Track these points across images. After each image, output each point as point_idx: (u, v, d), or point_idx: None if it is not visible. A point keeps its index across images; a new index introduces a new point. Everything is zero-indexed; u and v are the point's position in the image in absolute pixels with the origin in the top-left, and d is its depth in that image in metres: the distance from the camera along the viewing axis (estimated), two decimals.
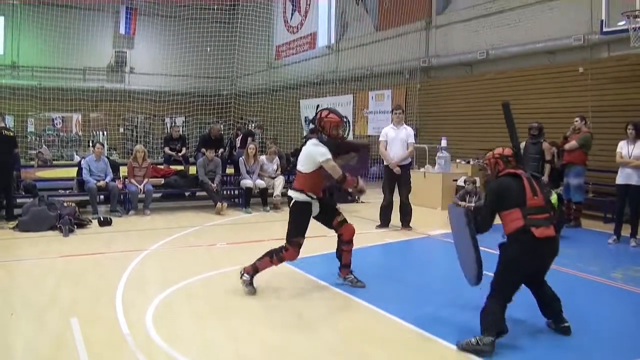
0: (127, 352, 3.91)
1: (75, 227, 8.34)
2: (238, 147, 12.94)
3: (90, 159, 10.01)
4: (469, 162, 13.44)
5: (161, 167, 11.78)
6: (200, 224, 9.17)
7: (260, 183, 10.69)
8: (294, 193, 5.22)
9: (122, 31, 24.07)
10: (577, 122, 9.37)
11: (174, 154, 12.36)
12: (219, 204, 10.25)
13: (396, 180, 8.65)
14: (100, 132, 22.76)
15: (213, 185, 10.51)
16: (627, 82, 10.45)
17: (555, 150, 9.83)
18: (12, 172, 9.33)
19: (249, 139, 12.71)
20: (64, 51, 19.98)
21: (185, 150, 12.67)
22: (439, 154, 11.42)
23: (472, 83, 14.21)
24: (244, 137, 13.01)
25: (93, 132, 22.85)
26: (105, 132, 22.63)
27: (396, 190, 8.75)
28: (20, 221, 8.38)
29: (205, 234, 8.44)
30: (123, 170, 10.94)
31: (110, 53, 24.24)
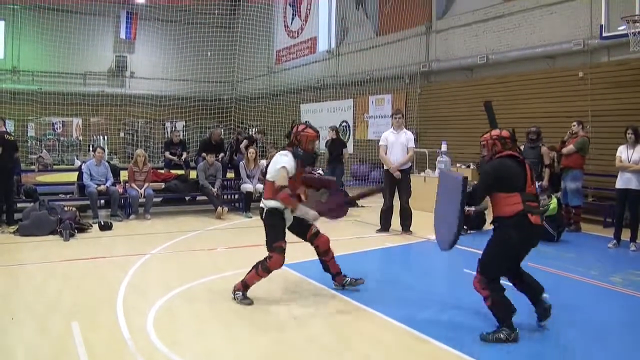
0: (128, 356, 3.93)
1: (76, 231, 8.37)
2: (241, 152, 12.93)
3: (90, 163, 10.03)
4: (469, 167, 13.47)
5: (162, 171, 11.80)
6: (200, 228, 9.19)
7: (261, 187, 10.70)
8: (264, 202, 5.23)
9: (123, 36, 24.16)
10: (575, 126, 9.41)
11: (174, 159, 12.38)
12: (219, 209, 10.27)
13: (396, 185, 8.68)
14: (101, 137, 22.80)
15: (213, 189, 10.54)
16: (626, 87, 10.47)
17: (555, 155, 9.87)
18: (13, 176, 9.35)
19: (245, 141, 12.76)
20: (65, 56, 20.00)
21: (186, 154, 12.69)
22: (439, 159, 11.43)
23: (472, 87, 14.23)
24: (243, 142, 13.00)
25: (93, 136, 22.91)
26: (106, 137, 22.66)
27: (396, 194, 8.77)
28: (20, 225, 8.40)
29: (205, 238, 8.47)
30: (124, 175, 10.96)
31: (110, 57, 24.29)
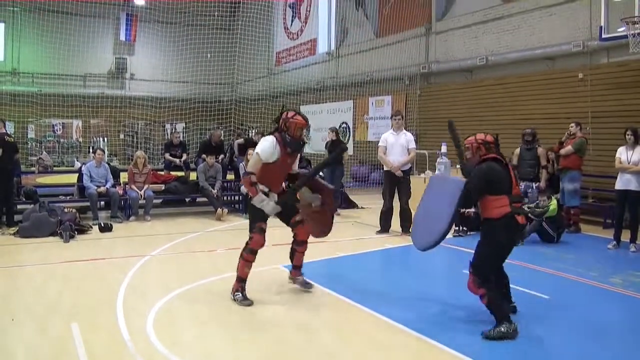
0: (127, 358, 3.93)
1: (76, 232, 8.36)
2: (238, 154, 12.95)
3: (90, 165, 10.03)
4: None
5: (161, 173, 11.80)
6: (200, 230, 9.19)
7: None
8: None
9: (123, 38, 24.15)
10: (573, 127, 9.42)
11: (175, 160, 12.38)
12: (219, 210, 10.27)
13: (396, 186, 8.68)
14: (101, 138, 22.83)
15: (213, 191, 10.54)
16: (626, 88, 10.48)
17: (553, 156, 9.88)
18: (13, 178, 9.36)
19: (241, 139, 12.79)
20: (65, 58, 20.02)
21: (186, 156, 12.70)
22: (439, 160, 11.40)
23: (471, 89, 14.25)
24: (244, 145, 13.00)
25: (93, 138, 22.94)
26: (106, 138, 22.69)
27: (396, 195, 8.77)
28: (20, 227, 8.40)
29: (205, 239, 8.46)
30: (123, 176, 10.97)
31: (110, 59, 24.30)
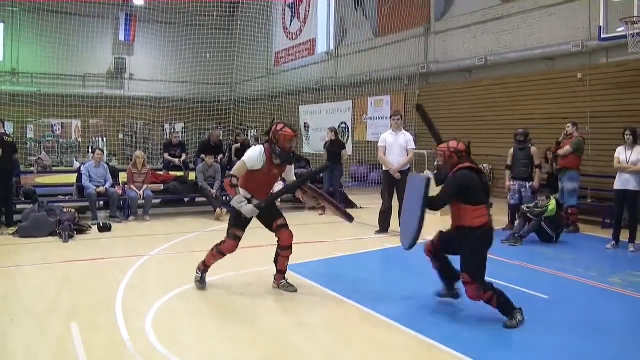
0: (127, 358, 3.93)
1: (75, 233, 8.35)
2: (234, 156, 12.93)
3: (89, 165, 10.03)
4: None
5: (161, 173, 11.79)
6: (199, 230, 9.19)
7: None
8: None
9: (122, 38, 24.13)
10: (570, 127, 9.43)
11: (174, 160, 12.37)
12: (218, 210, 10.26)
13: (395, 186, 8.67)
14: (100, 139, 22.83)
15: (213, 191, 10.54)
16: (625, 88, 10.49)
17: (551, 156, 9.89)
18: (12, 178, 9.35)
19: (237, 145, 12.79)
20: (64, 58, 20.00)
21: (185, 156, 12.69)
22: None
23: (471, 89, 14.26)
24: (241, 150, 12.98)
25: (93, 138, 22.92)
26: (105, 138, 22.69)
27: (395, 195, 8.76)
28: (20, 227, 8.40)
29: (204, 239, 8.43)
30: (123, 176, 10.96)
31: (109, 59, 24.30)
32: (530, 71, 12.61)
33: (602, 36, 9.91)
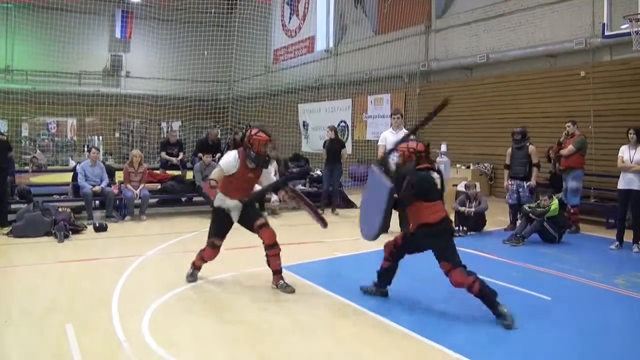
0: (123, 359, 3.92)
1: (70, 232, 8.34)
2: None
3: (85, 164, 10.01)
4: (469, 167, 13.49)
5: (157, 172, 11.78)
6: (197, 230, 9.14)
7: (258, 188, 10.67)
8: (217, 195, 5.56)
9: (118, 35, 24.12)
10: (570, 126, 9.44)
11: (172, 159, 12.35)
12: None
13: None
14: (96, 137, 22.78)
15: None
16: (629, 86, 10.50)
17: (553, 155, 9.89)
18: (7, 177, 9.32)
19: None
20: (59, 55, 19.98)
21: (183, 155, 12.67)
22: (438, 159, 11.38)
23: (472, 87, 14.26)
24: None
25: (88, 136, 22.88)
26: (101, 137, 22.64)
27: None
28: (14, 227, 8.37)
29: (202, 239, 8.35)
30: (119, 176, 10.94)
31: (106, 57, 24.29)
32: (532, 69, 12.62)
33: (606, 33, 9.92)
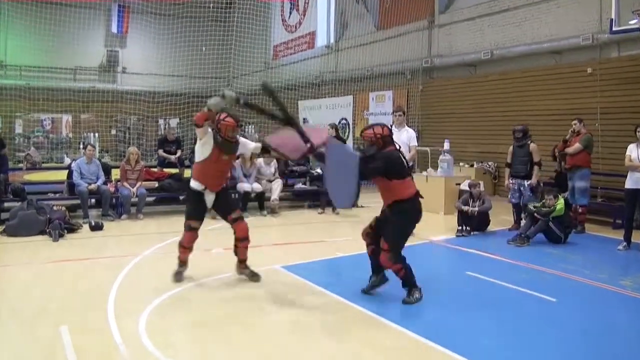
0: None
1: (65, 231, 8.32)
2: None
3: (81, 161, 9.99)
4: (472, 166, 13.47)
5: (155, 169, 11.77)
6: None
7: (258, 187, 10.69)
8: (191, 181, 5.89)
9: (114, 30, 24.09)
10: (576, 124, 9.41)
11: (170, 157, 12.34)
12: None
13: None
14: (92, 134, 22.75)
15: None
16: (637, 83, 10.47)
17: (558, 154, 9.87)
18: (0, 175, 9.32)
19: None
20: (54, 50, 19.95)
21: (181, 152, 12.66)
22: (441, 157, 11.42)
23: (475, 84, 14.24)
24: None
25: (84, 133, 22.82)
26: (97, 134, 22.61)
27: None
28: (7, 225, 8.37)
29: (200, 239, 8.38)
30: (115, 173, 10.92)
31: (101, 52, 24.22)
32: (537, 65, 12.60)
33: (613, 29, 9.88)
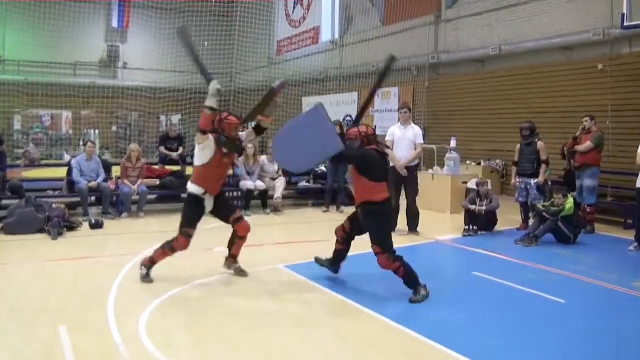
0: None
1: (65, 229, 8.34)
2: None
3: (80, 158, 10.00)
4: (479, 164, 13.45)
5: (156, 167, 11.79)
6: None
7: (261, 184, 10.69)
8: (188, 185, 5.83)
9: (115, 24, 24.10)
10: (587, 121, 9.37)
11: (172, 154, 12.33)
12: None
13: (402, 182, 8.63)
14: (92, 130, 22.79)
15: None
16: None
17: (567, 152, 9.83)
18: None
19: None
20: (53, 45, 19.97)
21: (182, 149, 12.66)
22: (447, 155, 11.40)
23: (483, 80, 14.20)
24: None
25: (84, 130, 22.87)
26: (97, 130, 22.63)
27: (402, 192, 8.73)
28: (5, 223, 8.37)
29: (202, 237, 8.38)
30: (116, 170, 10.94)
31: (102, 47, 24.21)
32: (547, 61, 12.55)
33: (625, 24, 9.84)
